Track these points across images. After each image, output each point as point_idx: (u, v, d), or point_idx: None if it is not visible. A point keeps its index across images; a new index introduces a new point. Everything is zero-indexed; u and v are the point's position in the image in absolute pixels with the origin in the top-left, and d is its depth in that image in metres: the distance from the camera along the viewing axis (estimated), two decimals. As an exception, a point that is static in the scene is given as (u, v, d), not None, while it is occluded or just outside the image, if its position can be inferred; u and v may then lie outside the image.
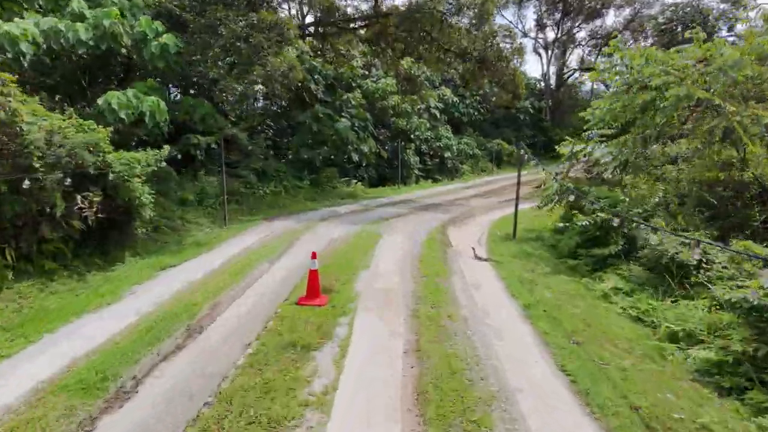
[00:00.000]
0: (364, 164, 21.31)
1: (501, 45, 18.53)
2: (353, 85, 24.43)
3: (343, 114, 20.26)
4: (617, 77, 10.70)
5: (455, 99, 31.77)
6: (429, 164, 27.06)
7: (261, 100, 21.20)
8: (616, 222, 8.49)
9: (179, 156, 13.52)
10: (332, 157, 19.69)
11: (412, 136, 26.30)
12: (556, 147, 14.34)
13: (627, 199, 10.85)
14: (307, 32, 19.49)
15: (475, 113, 34.79)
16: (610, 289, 7.71)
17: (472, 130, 34.23)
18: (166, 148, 9.43)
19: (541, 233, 12.88)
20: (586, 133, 12.91)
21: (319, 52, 21.37)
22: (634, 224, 8.58)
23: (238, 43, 12.61)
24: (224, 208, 12.54)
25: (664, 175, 11.05)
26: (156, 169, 9.02)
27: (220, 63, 13.83)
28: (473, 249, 10.72)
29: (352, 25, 19.39)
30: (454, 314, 6.51)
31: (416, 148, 26.53)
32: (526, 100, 37.01)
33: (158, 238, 10.08)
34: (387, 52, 21.72)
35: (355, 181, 20.95)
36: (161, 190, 10.95)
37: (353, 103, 21.22)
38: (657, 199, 10.33)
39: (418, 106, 28.02)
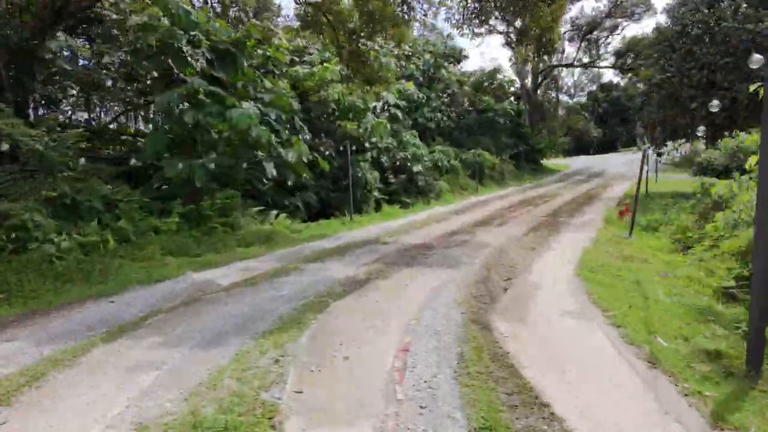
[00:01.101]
0: (290, 183, 12.94)
1: None
2: (277, 72, 16.31)
3: (252, 100, 11.89)
4: None
5: (420, 96, 24.14)
6: (393, 183, 18.99)
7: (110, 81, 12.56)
8: None
9: None
10: (233, 171, 11.20)
11: (367, 144, 18.26)
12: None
13: None
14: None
15: (444, 118, 27.37)
16: None
17: (441, 139, 26.69)
18: None
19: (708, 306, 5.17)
20: None
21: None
22: None
23: None
24: None
25: None
26: None
27: None
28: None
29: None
30: None
31: (374, 159, 18.46)
32: (505, 101, 30.09)
33: None
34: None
35: (275, 212, 12.49)
36: None
37: (269, 85, 12.93)
38: None
39: (374, 103, 20.13)
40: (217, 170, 10.71)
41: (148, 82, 12.15)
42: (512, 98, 32.15)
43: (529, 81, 35.00)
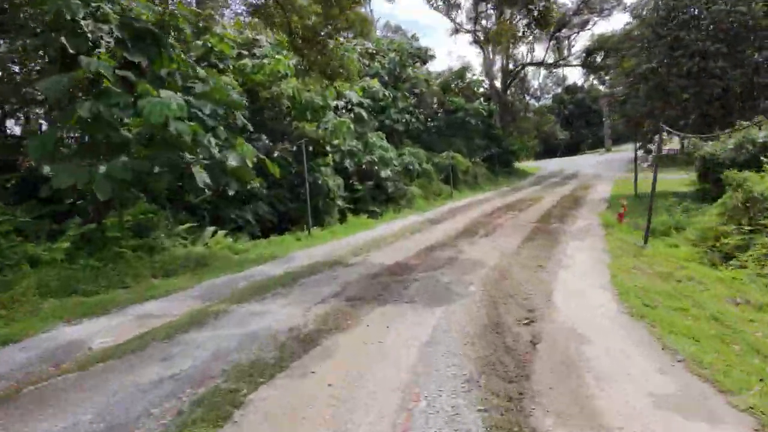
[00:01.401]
0: (232, 193, 10.57)
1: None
2: (221, 66, 14.04)
3: (181, 92, 9.49)
4: None
5: (386, 94, 22.16)
6: (359, 189, 16.84)
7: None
8: None
9: None
10: (152, 179, 8.76)
11: (329, 147, 16.07)
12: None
13: None
14: None
15: (413, 120, 25.47)
16: None
17: (410, 142, 24.76)
18: None
19: None
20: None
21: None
22: None
23: None
24: None
25: None
26: None
27: None
28: None
29: None
30: None
31: (337, 164, 16.27)
32: (475, 102, 28.51)
33: None
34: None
35: (212, 229, 10.12)
36: None
37: (202, 74, 10.59)
38: None
39: (335, 102, 17.99)
40: (132, 178, 8.24)
41: (38, 68, 9.57)
42: (481, 99, 30.60)
43: (498, 81, 33.66)
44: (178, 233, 9.05)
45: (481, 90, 32.53)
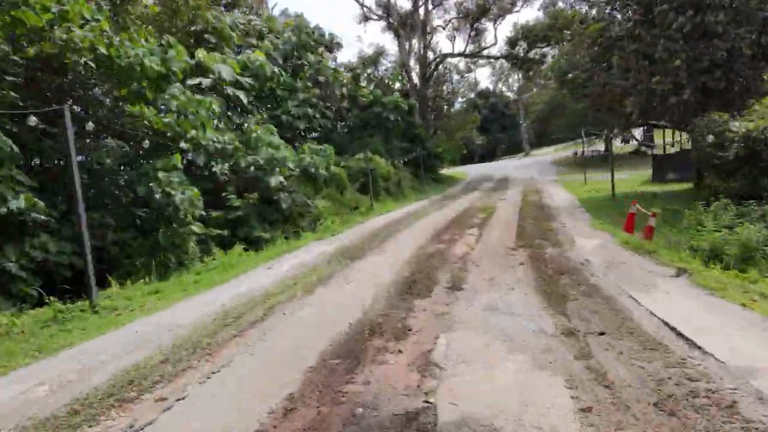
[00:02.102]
0: None
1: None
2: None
3: None
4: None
5: (277, 71, 16.49)
6: (237, 207, 10.90)
7: None
8: None
9: None
10: None
11: (183, 142, 10.01)
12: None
13: None
14: None
15: (317, 115, 19.96)
16: None
17: (316, 143, 19.21)
18: None
19: None
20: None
21: None
22: None
23: None
24: None
25: None
26: None
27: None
28: None
29: None
30: None
31: (195, 167, 10.33)
32: (394, 94, 23.71)
33: None
34: None
35: None
36: None
37: None
38: None
39: (199, 79, 12.06)
40: None
41: None
42: (397, 93, 25.89)
43: (416, 75, 29.22)
44: None
45: (398, 86, 27.89)
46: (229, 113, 13.33)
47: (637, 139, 30.52)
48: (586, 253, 7.02)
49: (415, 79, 29.04)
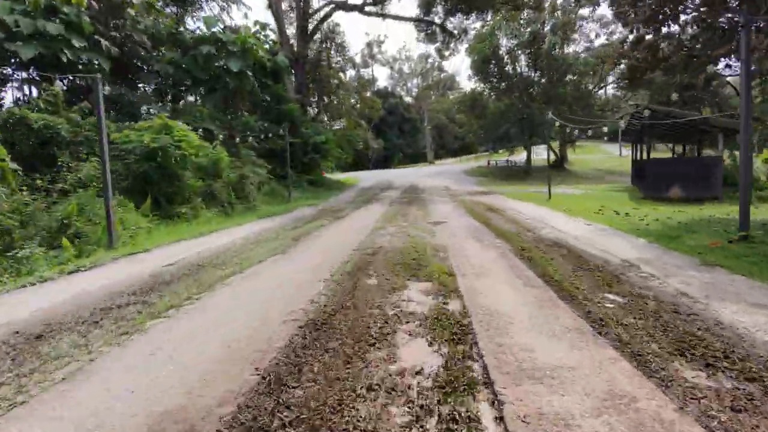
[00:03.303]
0: None
1: None
2: None
3: None
4: None
5: None
6: None
7: None
8: None
9: None
10: None
11: None
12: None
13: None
14: None
15: (94, 60, 9.89)
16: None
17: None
18: None
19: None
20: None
21: None
22: None
23: None
24: None
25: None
26: None
27: None
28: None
29: None
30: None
31: None
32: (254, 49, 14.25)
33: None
34: None
35: None
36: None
37: None
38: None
39: None
40: None
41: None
42: (260, 51, 16.44)
43: (292, 27, 20.00)
44: None
45: (266, 39, 18.35)
46: None
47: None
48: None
49: (291, 33, 19.88)
